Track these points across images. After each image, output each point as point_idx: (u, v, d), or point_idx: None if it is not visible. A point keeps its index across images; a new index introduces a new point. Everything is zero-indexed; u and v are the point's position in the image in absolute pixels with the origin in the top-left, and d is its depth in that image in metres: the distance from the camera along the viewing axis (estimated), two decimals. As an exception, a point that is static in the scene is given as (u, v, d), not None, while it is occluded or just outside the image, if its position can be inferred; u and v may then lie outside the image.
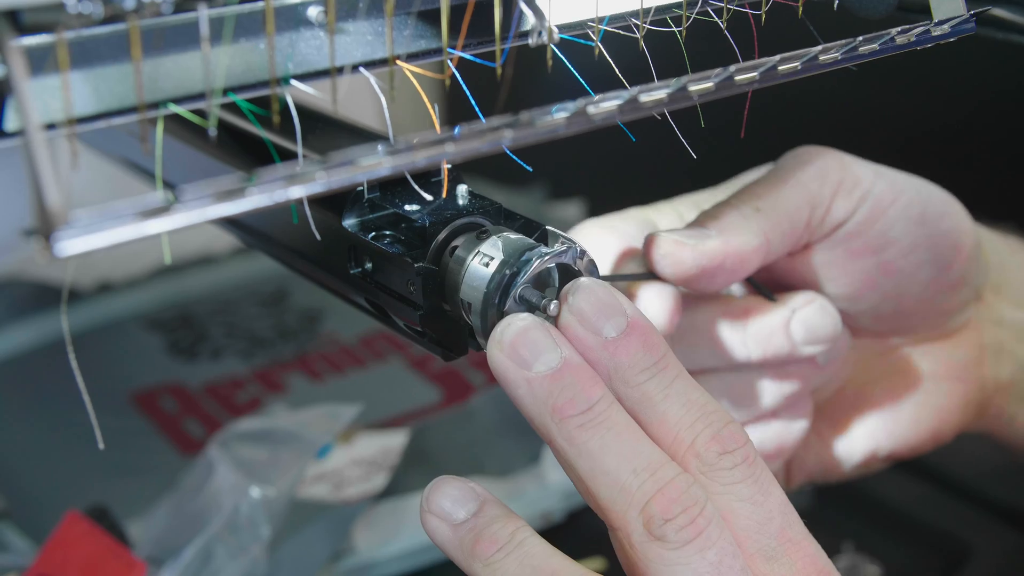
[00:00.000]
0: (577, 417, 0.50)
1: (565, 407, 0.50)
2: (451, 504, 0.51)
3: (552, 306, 0.52)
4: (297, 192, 0.42)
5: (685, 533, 0.49)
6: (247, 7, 0.46)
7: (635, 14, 0.55)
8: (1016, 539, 0.87)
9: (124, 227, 0.40)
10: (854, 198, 0.66)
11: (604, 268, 0.66)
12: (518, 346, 0.50)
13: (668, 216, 0.71)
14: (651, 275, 0.63)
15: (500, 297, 0.52)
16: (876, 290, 0.69)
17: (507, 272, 0.52)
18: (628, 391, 0.51)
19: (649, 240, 0.63)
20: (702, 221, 0.64)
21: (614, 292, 0.52)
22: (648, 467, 0.50)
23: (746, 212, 0.64)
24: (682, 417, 0.51)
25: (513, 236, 0.53)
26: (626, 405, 0.51)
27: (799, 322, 0.66)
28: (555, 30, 0.52)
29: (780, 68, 0.53)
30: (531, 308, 0.52)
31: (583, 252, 0.53)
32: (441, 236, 0.54)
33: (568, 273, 0.53)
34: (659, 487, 0.49)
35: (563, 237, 0.55)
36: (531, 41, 0.52)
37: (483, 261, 0.52)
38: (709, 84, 0.51)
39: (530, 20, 0.52)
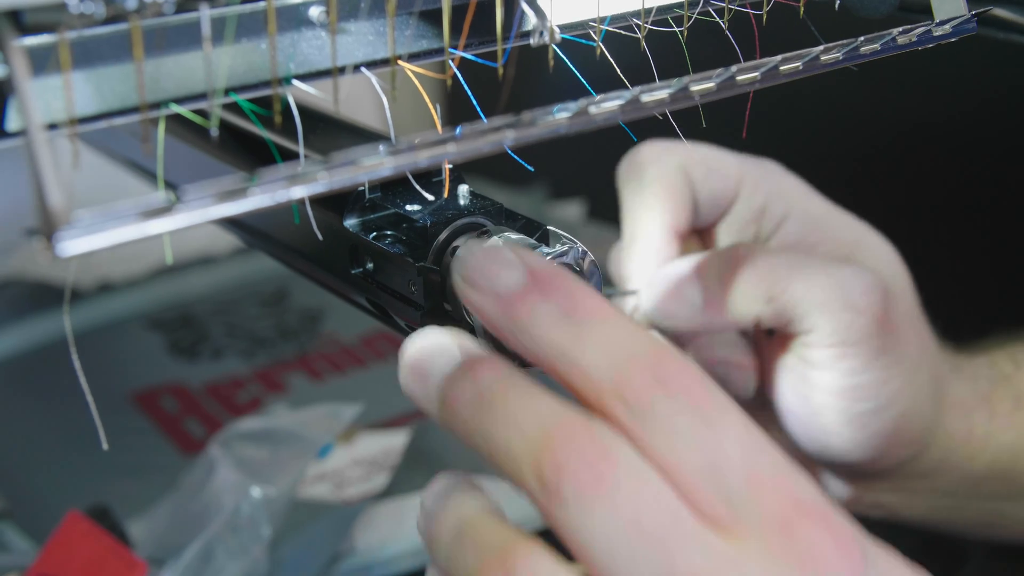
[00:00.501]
0: (468, 405, 0.44)
1: (454, 399, 0.44)
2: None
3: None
4: (299, 192, 0.42)
5: (585, 488, 0.40)
6: (249, 7, 0.46)
7: (636, 14, 0.55)
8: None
9: (126, 227, 0.40)
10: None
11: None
12: (416, 366, 0.46)
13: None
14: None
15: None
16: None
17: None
18: (536, 349, 0.44)
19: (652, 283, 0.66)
20: (711, 288, 0.65)
21: (508, 249, 0.45)
22: (540, 422, 0.42)
23: (757, 298, 0.65)
24: (600, 360, 0.43)
25: (514, 236, 0.53)
26: (542, 366, 0.44)
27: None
28: (557, 30, 0.52)
29: (782, 68, 0.53)
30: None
31: (584, 252, 0.53)
32: (442, 236, 0.54)
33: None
34: (550, 440, 0.41)
35: (564, 237, 0.55)
36: (533, 41, 0.52)
37: (484, 261, 0.52)
38: (711, 84, 0.51)
39: (532, 20, 0.52)
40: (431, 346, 0.46)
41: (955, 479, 0.75)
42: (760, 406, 0.72)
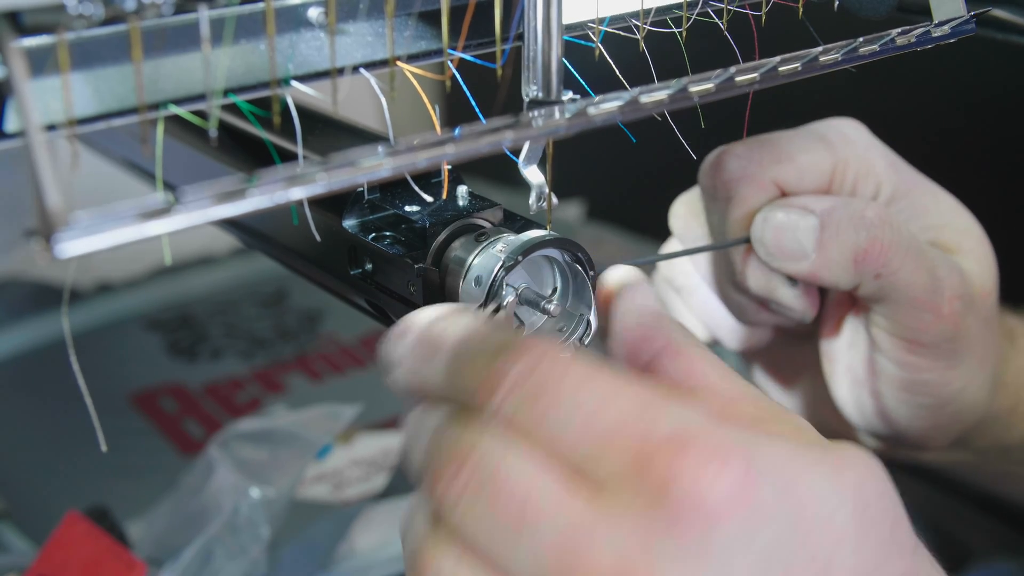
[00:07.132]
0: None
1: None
2: None
3: (553, 306, 0.52)
4: (298, 193, 0.42)
5: (453, 492, 0.42)
6: (248, 8, 0.46)
7: (636, 15, 0.55)
8: (1016, 539, 0.87)
9: (125, 228, 0.40)
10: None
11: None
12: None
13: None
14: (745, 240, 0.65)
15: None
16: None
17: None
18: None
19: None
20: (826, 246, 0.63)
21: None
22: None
23: (869, 272, 0.63)
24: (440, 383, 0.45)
25: (512, 237, 0.53)
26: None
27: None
28: (554, 197, 0.53)
29: (780, 69, 0.53)
30: (532, 308, 0.52)
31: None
32: (441, 237, 0.54)
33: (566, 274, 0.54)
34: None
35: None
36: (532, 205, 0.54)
37: (483, 262, 0.52)
38: (709, 85, 0.51)
39: (534, 183, 0.54)
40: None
41: (986, 444, 0.74)
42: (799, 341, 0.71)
